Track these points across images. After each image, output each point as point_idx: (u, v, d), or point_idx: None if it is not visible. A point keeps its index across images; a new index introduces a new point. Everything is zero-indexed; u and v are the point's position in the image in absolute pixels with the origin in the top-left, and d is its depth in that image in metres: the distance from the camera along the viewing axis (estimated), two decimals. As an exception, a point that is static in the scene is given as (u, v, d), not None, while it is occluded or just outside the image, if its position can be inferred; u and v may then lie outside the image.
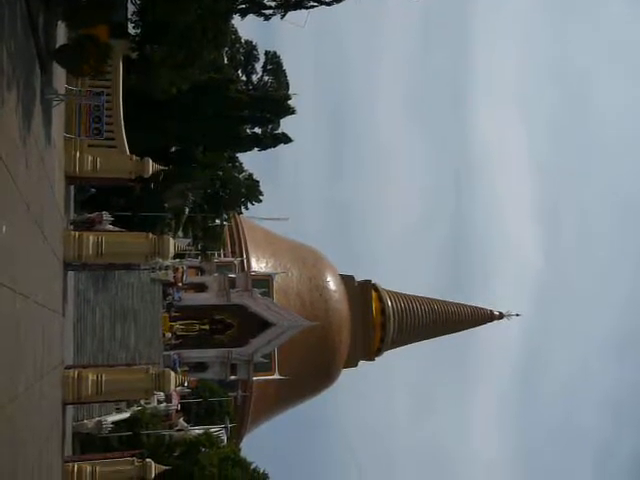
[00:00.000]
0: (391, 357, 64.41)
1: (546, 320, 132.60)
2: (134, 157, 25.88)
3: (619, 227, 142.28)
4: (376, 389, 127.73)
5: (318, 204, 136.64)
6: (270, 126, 41.28)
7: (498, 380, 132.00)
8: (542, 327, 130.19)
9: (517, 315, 64.26)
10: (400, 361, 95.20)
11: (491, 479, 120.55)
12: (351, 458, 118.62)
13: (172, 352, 48.93)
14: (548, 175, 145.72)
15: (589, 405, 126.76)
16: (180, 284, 51.52)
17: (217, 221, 45.56)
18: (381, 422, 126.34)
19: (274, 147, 42.26)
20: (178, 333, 51.16)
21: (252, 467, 37.23)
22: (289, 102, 40.38)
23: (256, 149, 42.14)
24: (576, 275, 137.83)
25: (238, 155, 44.79)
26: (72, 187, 28.12)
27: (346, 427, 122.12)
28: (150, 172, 25.86)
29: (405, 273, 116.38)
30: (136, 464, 23.67)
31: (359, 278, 61.71)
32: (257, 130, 41.38)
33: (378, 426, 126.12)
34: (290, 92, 40.73)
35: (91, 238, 23.34)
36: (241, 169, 44.74)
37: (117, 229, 36.21)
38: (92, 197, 37.34)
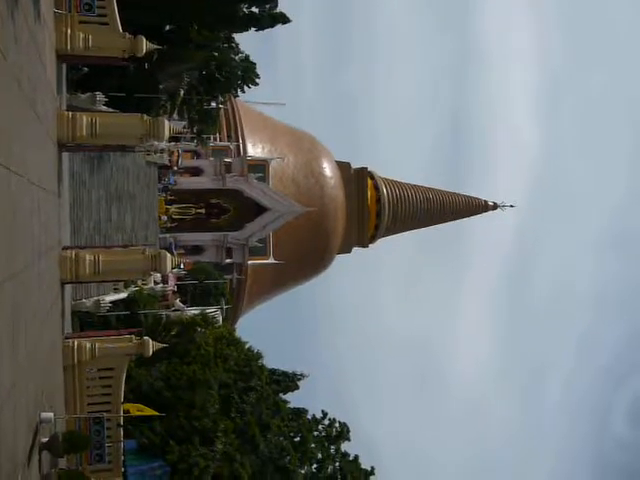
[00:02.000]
0: (385, 245, 65.30)
1: (541, 213, 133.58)
2: (127, 35, 25.05)
3: (620, 121, 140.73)
4: (368, 276, 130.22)
5: (315, 90, 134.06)
6: (267, 5, 39.81)
7: (489, 272, 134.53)
8: (536, 220, 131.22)
9: (511, 206, 64.41)
10: (393, 249, 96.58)
11: (474, 368, 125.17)
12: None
13: (168, 235, 49.45)
14: (552, 65, 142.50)
15: (577, 297, 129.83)
16: (175, 168, 51.35)
17: (213, 104, 44.74)
18: (370, 309, 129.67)
19: (272, 27, 40.91)
20: (174, 216, 51.51)
21: (246, 346, 38.45)
22: (288, -21, 38.76)
23: (253, 29, 40.79)
24: (573, 169, 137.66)
25: (234, 36, 43.40)
26: (64, 65, 27.40)
27: (336, 311, 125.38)
28: (144, 51, 25.12)
29: (402, 162, 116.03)
30: (134, 341, 24.35)
31: (355, 165, 61.49)
32: (254, 9, 39.93)
33: (367, 313, 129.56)
34: (289, -31, 38.99)
35: (85, 119, 22.98)
36: (237, 50, 43.45)
37: (111, 110, 35.63)
38: (85, 77, 36.47)
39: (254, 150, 56.93)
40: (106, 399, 24.64)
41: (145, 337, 24.81)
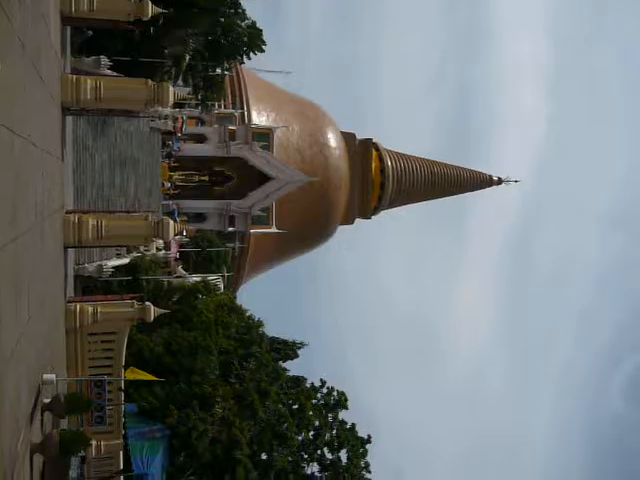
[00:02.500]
0: (387, 217, 65.28)
1: (545, 189, 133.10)
2: (132, -2, 24.80)
3: (627, 98, 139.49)
4: (370, 247, 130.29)
5: (323, 59, 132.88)
6: (275, -29, 39.30)
7: (492, 246, 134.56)
8: (541, 195, 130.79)
9: (516, 181, 64.27)
10: (396, 221, 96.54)
11: (474, 341, 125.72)
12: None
13: (171, 202, 49.45)
14: (560, 40, 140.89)
15: (579, 272, 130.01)
16: (179, 134, 51.14)
17: (218, 70, 44.40)
18: (372, 281, 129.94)
19: (279, -6, 40.42)
20: (177, 183, 51.45)
21: (247, 314, 38.69)
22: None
23: (260, -5, 40.38)
24: (579, 145, 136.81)
25: (241, 1, 42.94)
26: (68, 28, 27.17)
27: (338, 282, 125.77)
28: (149, 15, 24.88)
29: (408, 134, 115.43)
30: (136, 307, 24.45)
31: (360, 136, 61.18)
32: (261, -25, 39.46)
33: (368, 285, 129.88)
34: None
35: (89, 82, 22.85)
36: (244, 16, 43.01)
37: (115, 74, 35.42)
38: (89, 40, 36.20)
39: (259, 118, 56.64)
40: (107, 363, 24.85)
41: (147, 303, 24.92)
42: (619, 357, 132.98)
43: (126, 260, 37.80)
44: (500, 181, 64.19)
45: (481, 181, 64.36)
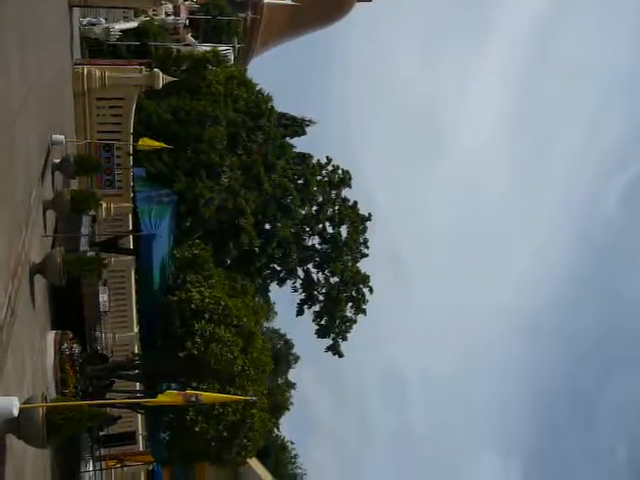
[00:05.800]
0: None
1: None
2: None
3: None
4: (388, 29, 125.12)
5: None
6: None
7: (513, 40, 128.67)
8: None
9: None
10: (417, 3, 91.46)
11: (480, 133, 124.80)
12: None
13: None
14: None
15: (596, 76, 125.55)
16: None
17: None
18: (386, 64, 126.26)
19: None
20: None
21: (257, 89, 38.20)
22: None
23: None
24: None
25: None
26: None
27: (352, 63, 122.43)
28: None
29: None
30: (144, 73, 24.09)
31: None
32: None
33: (382, 67, 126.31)
34: None
35: None
36: None
37: None
38: None
39: None
40: (116, 128, 24.99)
41: (155, 69, 24.49)
42: (623, 163, 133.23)
43: (134, 24, 36.64)
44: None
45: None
